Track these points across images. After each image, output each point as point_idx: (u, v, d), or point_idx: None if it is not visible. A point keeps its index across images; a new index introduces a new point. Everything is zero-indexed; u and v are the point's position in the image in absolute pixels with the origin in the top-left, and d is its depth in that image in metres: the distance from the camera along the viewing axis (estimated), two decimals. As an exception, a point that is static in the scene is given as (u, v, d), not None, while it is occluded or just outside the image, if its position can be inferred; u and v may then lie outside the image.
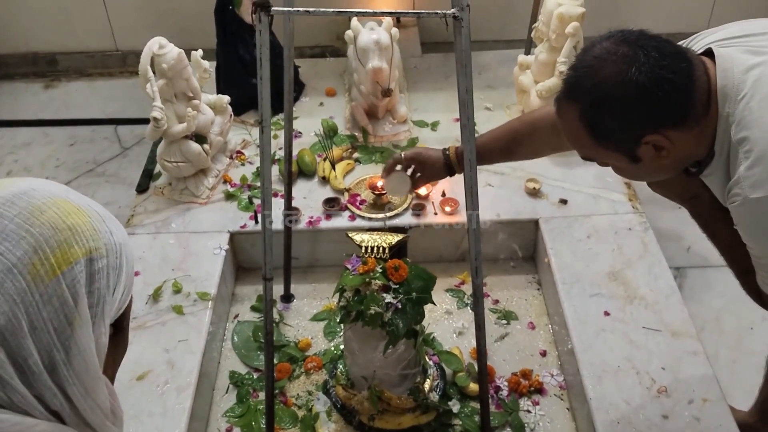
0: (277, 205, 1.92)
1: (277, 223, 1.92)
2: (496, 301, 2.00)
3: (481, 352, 1.52)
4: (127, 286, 0.70)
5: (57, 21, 2.98)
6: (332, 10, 1.23)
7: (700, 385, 1.59)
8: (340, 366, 1.73)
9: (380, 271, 1.48)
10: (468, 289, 2.02)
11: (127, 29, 3.02)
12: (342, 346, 1.76)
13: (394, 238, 1.54)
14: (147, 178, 2.19)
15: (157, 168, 2.18)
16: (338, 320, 1.55)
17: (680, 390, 1.58)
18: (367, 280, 1.47)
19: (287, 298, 2.02)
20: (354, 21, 2.21)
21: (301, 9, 1.22)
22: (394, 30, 2.21)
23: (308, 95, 2.55)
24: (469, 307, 1.98)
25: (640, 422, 1.52)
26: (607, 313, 1.75)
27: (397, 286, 1.48)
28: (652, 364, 1.63)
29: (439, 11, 1.18)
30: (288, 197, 1.85)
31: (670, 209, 2.38)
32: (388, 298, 1.46)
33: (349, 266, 1.51)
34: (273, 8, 1.16)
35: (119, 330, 0.74)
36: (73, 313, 0.61)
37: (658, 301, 1.78)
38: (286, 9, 1.26)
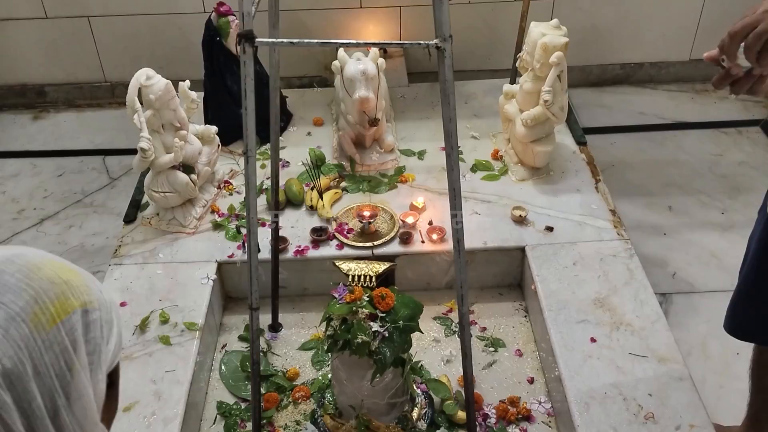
0: (265, 234, 1.93)
1: (265, 252, 1.93)
2: (484, 329, 2.00)
3: (468, 380, 1.52)
4: (118, 343, 0.74)
5: (46, 52, 3.00)
6: (316, 41, 1.25)
7: (687, 410, 1.59)
8: (328, 395, 1.73)
9: (367, 299, 1.49)
10: (456, 316, 2.02)
11: (115, 61, 3.04)
12: (330, 375, 1.75)
13: (381, 267, 1.55)
14: (134, 209, 2.19)
15: (145, 198, 2.19)
16: (326, 349, 1.55)
17: (667, 416, 1.58)
18: (354, 308, 1.47)
19: (275, 327, 2.01)
20: (341, 52, 2.24)
21: (285, 40, 1.24)
22: (381, 60, 2.24)
23: (296, 125, 2.58)
24: (456, 335, 1.98)
25: (628, 449, 1.52)
26: (593, 340, 1.76)
27: (384, 315, 1.49)
28: (639, 390, 1.64)
29: (422, 42, 1.20)
30: (275, 226, 1.86)
31: (655, 236, 2.42)
32: (375, 326, 1.47)
33: (336, 295, 1.52)
34: (258, 39, 1.18)
35: (111, 385, 0.77)
36: (72, 360, 0.65)
37: (645, 327, 1.79)
38: (270, 40, 1.28)
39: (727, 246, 2.35)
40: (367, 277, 1.52)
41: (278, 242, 1.90)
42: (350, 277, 1.53)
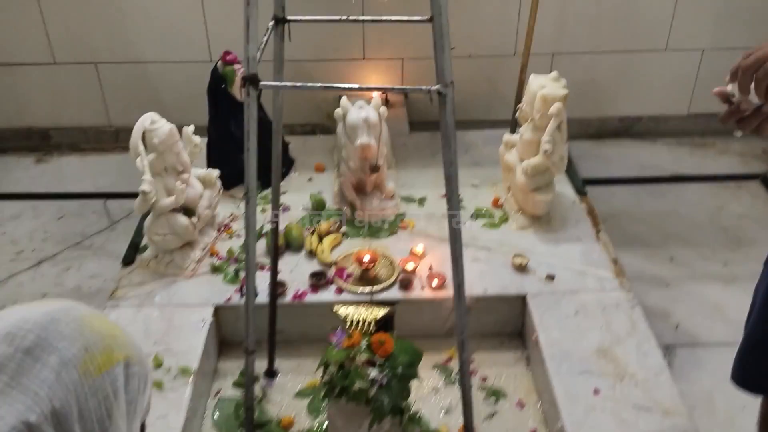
0: (264, 278, 1.92)
1: (263, 296, 1.91)
2: (484, 379, 1.97)
3: (468, 431, 1.49)
4: (150, 395, 0.83)
5: (53, 97, 3.03)
6: (319, 85, 1.27)
7: (693, 465, 1.55)
8: (323, 444, 1.69)
9: (365, 345, 1.47)
10: (456, 365, 1.99)
11: (121, 106, 3.07)
12: (326, 424, 1.71)
13: (380, 312, 1.53)
14: (133, 251, 2.18)
15: (144, 241, 2.18)
16: (322, 396, 1.52)
17: (672, 471, 1.54)
18: (352, 354, 1.45)
19: (271, 373, 1.98)
20: (343, 99, 2.26)
21: (288, 84, 1.25)
22: (383, 108, 2.27)
23: (298, 170, 2.59)
24: (456, 384, 1.94)
25: (633, 505, 1.47)
26: (597, 392, 1.73)
27: (383, 361, 1.46)
28: (644, 444, 1.60)
29: (424, 87, 1.21)
30: (274, 269, 1.84)
31: (657, 287, 2.40)
32: (373, 373, 1.44)
33: (334, 340, 1.49)
34: (262, 83, 1.19)
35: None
36: (112, 407, 0.71)
37: (648, 379, 1.75)
38: (274, 83, 1.30)
39: (730, 298, 2.33)
40: (366, 322, 1.50)
41: (276, 286, 1.88)
42: (348, 322, 1.51)
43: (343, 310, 1.53)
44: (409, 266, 2.06)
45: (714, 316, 2.28)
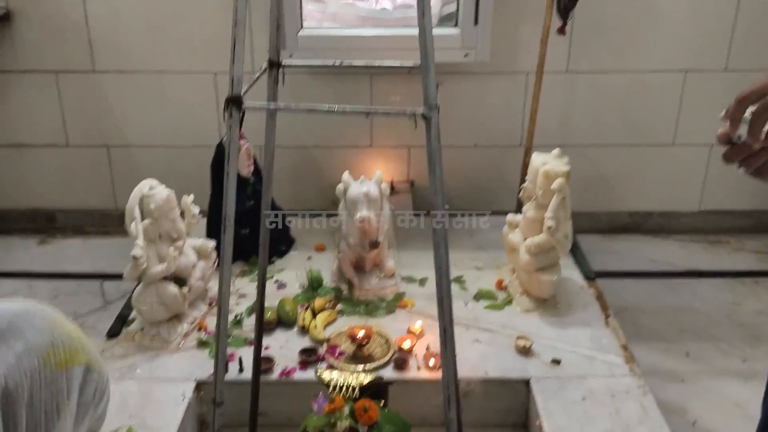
0: (251, 354, 1.81)
1: (248, 373, 1.80)
2: (484, 470, 1.81)
3: None
4: (102, 415, 0.87)
5: (61, 179, 3.06)
6: (307, 107, 1.24)
7: None
8: None
9: (348, 411, 1.35)
10: (453, 454, 1.83)
11: (129, 189, 3.02)
12: None
13: (367, 378, 1.42)
14: (120, 323, 2.11)
15: (132, 314, 2.10)
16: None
17: None
18: (333, 420, 1.33)
19: (253, 457, 1.83)
20: (345, 174, 2.25)
21: (272, 104, 1.22)
22: (384, 185, 2.24)
23: (297, 249, 2.54)
24: (453, 475, 1.78)
25: None
26: (606, 481, 1.57)
27: (366, 430, 1.34)
28: None
29: (408, 109, 1.17)
30: (258, 343, 1.74)
31: (672, 382, 2.25)
32: (356, 442, 1.32)
33: (315, 406, 1.38)
34: (245, 104, 1.17)
35: None
36: (64, 404, 0.76)
37: (662, 470, 1.59)
38: (259, 103, 1.27)
39: (750, 395, 2.16)
40: (351, 387, 1.39)
41: (260, 361, 1.77)
42: (332, 387, 1.40)
43: (327, 375, 1.42)
44: (406, 344, 1.96)
45: (734, 412, 2.11)
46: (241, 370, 1.89)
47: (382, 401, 1.43)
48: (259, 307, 1.74)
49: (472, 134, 2.96)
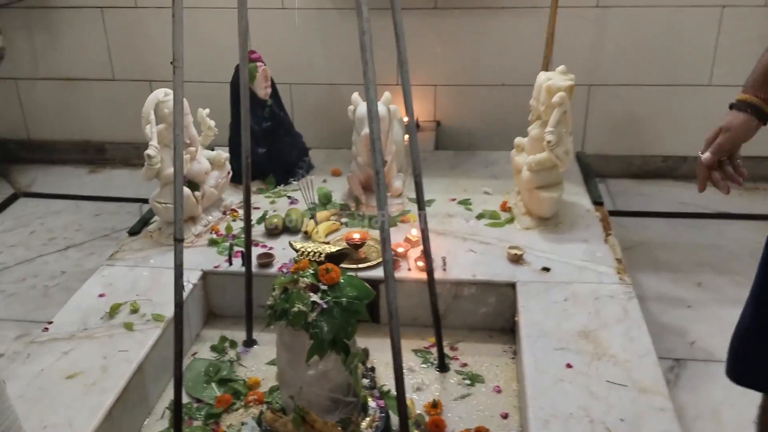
0: (255, 253, 1.93)
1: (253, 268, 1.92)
2: (464, 364, 1.86)
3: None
4: None
5: (109, 112, 3.27)
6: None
7: (663, 439, 1.39)
8: (275, 394, 1.63)
9: (312, 272, 1.44)
10: (435, 352, 1.89)
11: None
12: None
13: (334, 248, 1.51)
14: (141, 224, 2.27)
15: (154, 217, 2.26)
16: (266, 324, 1.48)
17: (638, 441, 1.38)
18: (296, 277, 1.43)
19: (249, 342, 1.95)
20: (355, 95, 2.33)
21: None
22: (393, 106, 2.31)
23: (315, 174, 2.64)
24: (432, 368, 1.85)
25: (587, 470, 1.32)
26: (569, 366, 1.60)
27: (327, 288, 1.42)
28: (611, 415, 1.45)
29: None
30: (248, 237, 1.85)
31: (678, 308, 2.23)
32: (315, 297, 1.40)
33: (284, 269, 1.48)
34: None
35: None
36: None
37: (630, 360, 1.61)
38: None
39: (758, 321, 2.12)
40: (317, 253, 1.48)
41: (250, 256, 1.88)
42: (300, 253, 1.50)
43: (298, 244, 1.51)
44: (400, 249, 2.03)
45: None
46: (243, 263, 2.01)
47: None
48: (246, 208, 1.85)
49: (500, 73, 2.98)
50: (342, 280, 1.45)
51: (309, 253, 1.49)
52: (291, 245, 1.53)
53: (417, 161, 1.65)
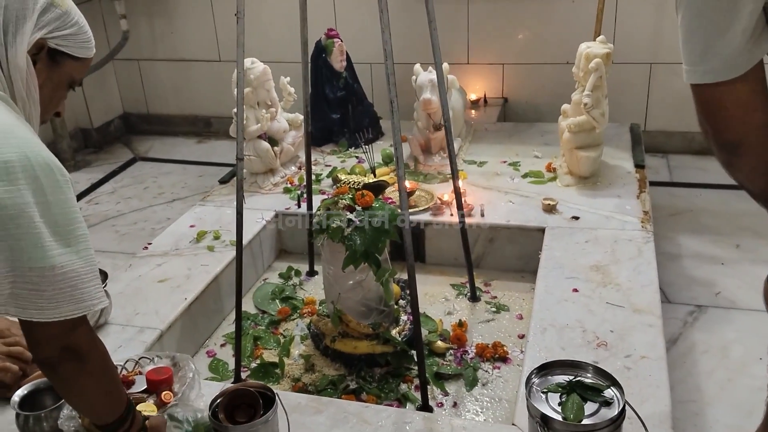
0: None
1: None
2: (494, 297, 2.11)
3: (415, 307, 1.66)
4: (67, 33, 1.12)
5: (215, 90, 3.73)
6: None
7: (645, 346, 1.58)
8: (323, 305, 1.95)
9: (350, 196, 1.74)
10: (469, 287, 2.14)
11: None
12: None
13: (371, 179, 1.80)
14: (230, 176, 2.66)
15: (241, 170, 2.64)
16: (314, 237, 1.80)
17: (621, 347, 1.58)
18: (336, 200, 1.73)
19: (311, 273, 2.29)
20: (417, 66, 2.61)
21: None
22: (452, 77, 2.58)
23: (384, 140, 2.95)
24: (464, 298, 2.10)
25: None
26: (575, 290, 1.81)
27: (361, 209, 1.72)
28: (602, 327, 1.66)
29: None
30: (309, 189, 2.17)
31: (711, 264, 2.35)
32: (351, 216, 1.70)
33: (326, 195, 1.79)
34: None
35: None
36: (25, 17, 1.05)
37: (632, 288, 1.80)
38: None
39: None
40: (357, 183, 1.78)
41: (311, 201, 2.19)
42: (343, 182, 1.80)
43: (341, 175, 1.82)
44: (445, 197, 2.29)
45: (761, 289, 2.18)
46: (309, 206, 2.34)
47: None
48: (307, 162, 2.16)
49: (565, 52, 3.16)
50: (375, 205, 1.74)
51: (351, 182, 1.79)
52: (334, 177, 1.84)
53: (446, 112, 1.92)
